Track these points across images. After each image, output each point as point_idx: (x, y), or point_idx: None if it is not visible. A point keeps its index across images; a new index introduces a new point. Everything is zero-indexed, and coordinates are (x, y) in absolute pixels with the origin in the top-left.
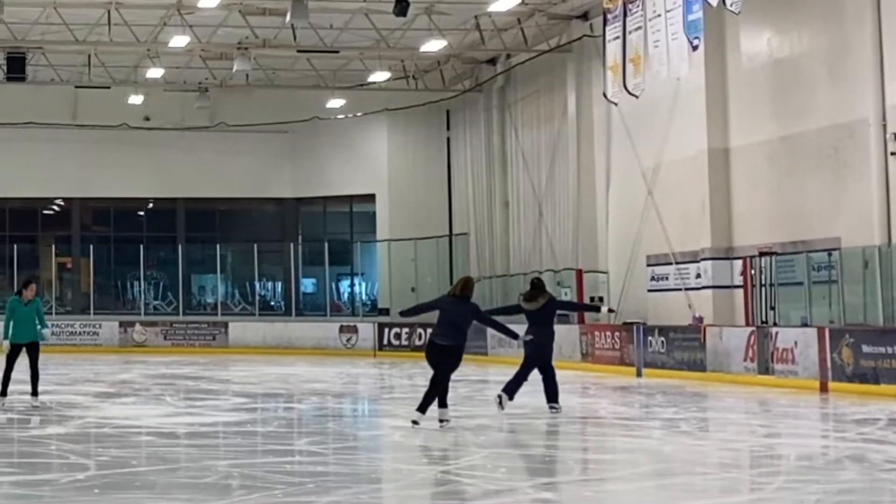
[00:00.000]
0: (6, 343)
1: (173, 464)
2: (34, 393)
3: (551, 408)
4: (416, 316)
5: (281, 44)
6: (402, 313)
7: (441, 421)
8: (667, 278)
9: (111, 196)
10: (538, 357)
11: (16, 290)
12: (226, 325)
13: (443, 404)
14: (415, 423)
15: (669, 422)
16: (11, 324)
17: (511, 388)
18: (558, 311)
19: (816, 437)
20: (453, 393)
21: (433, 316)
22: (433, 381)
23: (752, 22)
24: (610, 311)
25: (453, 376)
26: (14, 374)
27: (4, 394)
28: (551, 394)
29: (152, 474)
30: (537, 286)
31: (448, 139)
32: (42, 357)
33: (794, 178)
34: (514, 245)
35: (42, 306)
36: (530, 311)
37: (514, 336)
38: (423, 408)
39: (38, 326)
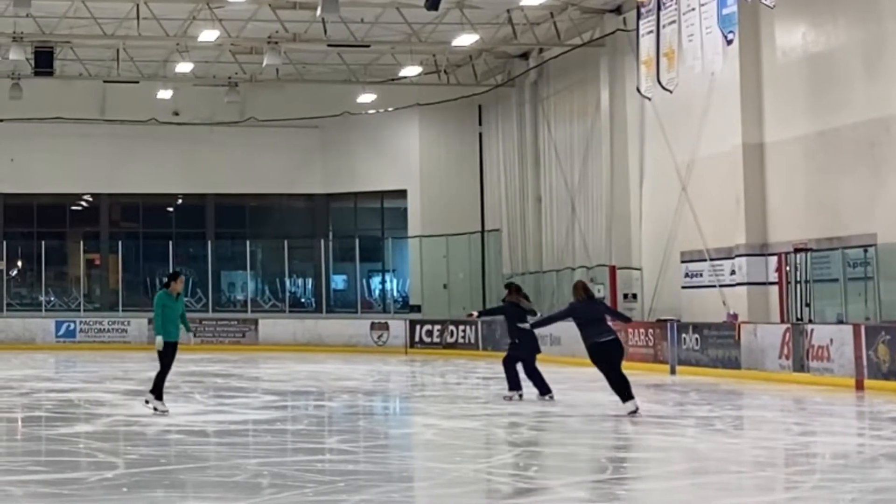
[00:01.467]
0: (160, 340)
1: (203, 462)
2: (155, 394)
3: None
4: (548, 326)
5: (311, 38)
6: (534, 325)
7: (632, 412)
8: (701, 275)
9: (140, 192)
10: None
11: (163, 282)
12: (256, 322)
13: (629, 396)
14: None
15: (704, 420)
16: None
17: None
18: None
19: (852, 435)
20: (486, 391)
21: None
22: (611, 377)
23: (786, 16)
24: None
25: (489, 374)
26: (38, 372)
27: (160, 397)
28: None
29: (181, 473)
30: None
31: (480, 134)
32: (69, 354)
33: (830, 173)
34: (547, 241)
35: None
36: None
37: (629, 319)
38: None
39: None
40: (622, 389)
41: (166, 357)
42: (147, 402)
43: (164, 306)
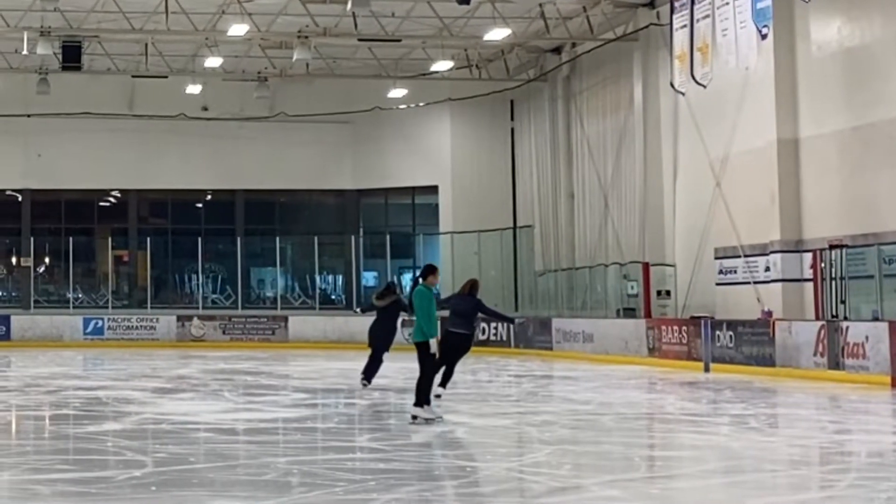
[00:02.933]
0: (433, 341)
1: (232, 461)
2: (421, 403)
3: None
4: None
5: (342, 32)
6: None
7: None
8: (735, 271)
9: (169, 188)
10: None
11: (418, 276)
12: (285, 319)
13: (443, 385)
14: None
15: (738, 418)
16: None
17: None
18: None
19: (888, 433)
20: (518, 388)
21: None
22: (438, 366)
23: (821, 10)
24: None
25: (521, 372)
26: (65, 369)
27: (428, 402)
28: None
29: (210, 471)
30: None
31: (512, 129)
32: (97, 352)
33: (866, 169)
34: (580, 237)
35: None
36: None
37: (511, 321)
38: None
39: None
40: (445, 378)
41: (437, 357)
42: (415, 417)
43: (431, 301)
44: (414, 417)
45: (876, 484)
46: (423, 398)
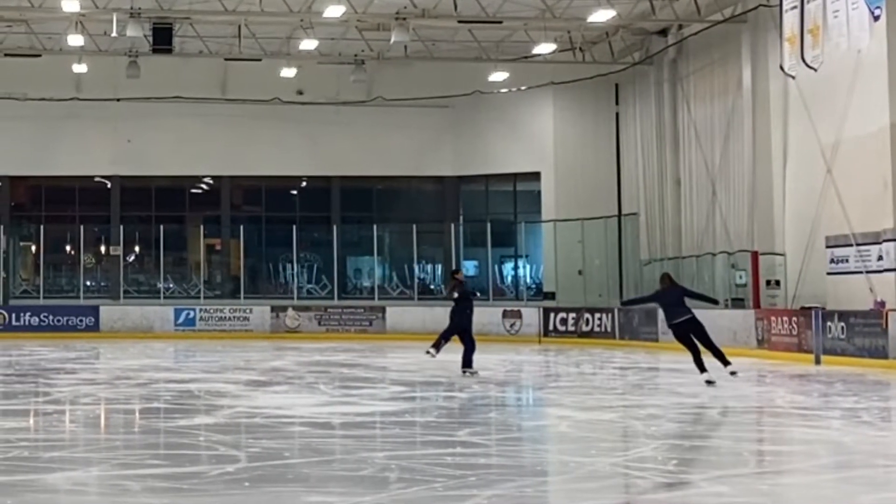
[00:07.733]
0: None
1: (328, 456)
2: None
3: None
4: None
5: (441, 14)
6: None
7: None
8: (847, 260)
9: (262, 174)
10: None
11: None
12: (383, 309)
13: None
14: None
15: (850, 411)
16: None
17: None
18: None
19: None
20: (623, 381)
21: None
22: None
23: None
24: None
25: (626, 364)
26: (156, 361)
27: None
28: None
29: (306, 466)
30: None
31: (617, 114)
32: (189, 343)
33: None
34: (686, 225)
35: None
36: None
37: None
38: None
39: None
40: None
41: None
42: None
43: None
44: None
45: None
46: None
